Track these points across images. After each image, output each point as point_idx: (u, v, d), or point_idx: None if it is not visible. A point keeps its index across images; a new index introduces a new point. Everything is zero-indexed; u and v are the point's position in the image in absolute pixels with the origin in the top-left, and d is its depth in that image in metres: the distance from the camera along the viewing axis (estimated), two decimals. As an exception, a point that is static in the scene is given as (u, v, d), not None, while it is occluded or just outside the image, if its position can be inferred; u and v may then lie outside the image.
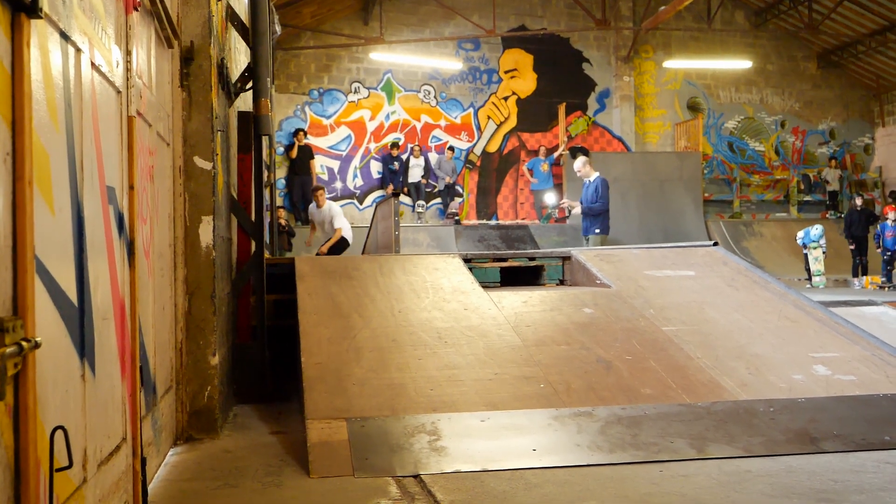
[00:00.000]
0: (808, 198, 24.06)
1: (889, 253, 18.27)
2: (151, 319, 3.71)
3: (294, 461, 4.16)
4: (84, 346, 2.45)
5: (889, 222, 18.37)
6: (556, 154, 21.13)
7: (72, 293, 2.35)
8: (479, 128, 21.84)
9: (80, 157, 2.48)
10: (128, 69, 3.18)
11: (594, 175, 11.98)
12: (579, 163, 12.15)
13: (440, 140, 21.25)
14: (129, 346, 3.06)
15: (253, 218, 6.01)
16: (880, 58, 23.68)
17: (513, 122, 22.19)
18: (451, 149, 20.97)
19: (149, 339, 3.63)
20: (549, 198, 19.87)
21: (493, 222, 20.57)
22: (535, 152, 21.54)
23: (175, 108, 4.55)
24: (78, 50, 2.46)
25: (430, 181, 20.46)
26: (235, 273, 5.93)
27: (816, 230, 18.27)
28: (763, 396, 4.68)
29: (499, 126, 22.10)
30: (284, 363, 6.24)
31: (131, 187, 3.16)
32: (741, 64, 23.23)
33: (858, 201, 19.49)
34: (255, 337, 5.91)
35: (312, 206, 13.06)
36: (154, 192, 3.89)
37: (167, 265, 4.27)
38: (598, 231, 11.67)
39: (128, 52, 3.19)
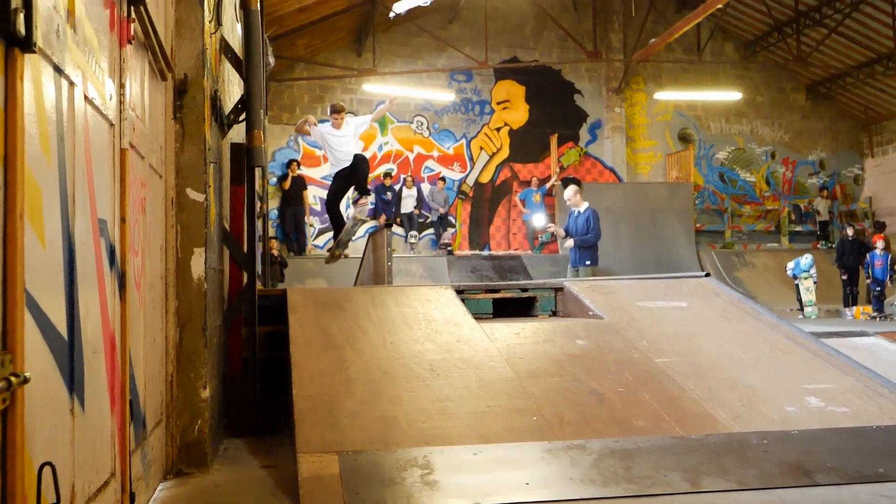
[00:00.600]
0: (799, 228, 24.15)
1: (879, 283, 18.32)
2: (142, 352, 3.69)
3: (285, 496, 4.12)
4: (73, 380, 2.44)
5: (877, 251, 18.43)
6: (548, 185, 21.20)
7: (62, 327, 2.34)
8: (471, 158, 21.91)
9: (71, 190, 2.48)
10: (121, 102, 3.18)
11: (584, 205, 11.99)
12: (570, 191, 12.16)
13: (433, 171, 21.31)
14: (118, 379, 3.04)
15: (245, 249, 6.00)
16: (868, 89, 23.88)
17: (505, 153, 22.28)
18: (443, 179, 21.03)
19: (139, 371, 3.61)
20: (538, 219, 19.80)
21: (485, 253, 20.58)
22: (528, 183, 21.60)
23: (168, 140, 4.55)
24: (71, 83, 2.46)
25: (422, 211, 20.48)
26: (227, 305, 5.91)
27: (806, 260, 18.32)
28: (756, 428, 4.67)
29: (491, 157, 22.18)
30: (276, 395, 6.20)
31: (123, 220, 3.16)
32: (731, 95, 23.41)
33: (850, 231, 19.57)
34: (246, 369, 5.88)
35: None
36: (146, 224, 3.88)
37: (158, 297, 4.25)
38: (588, 263, 11.67)
39: (121, 85, 3.19)
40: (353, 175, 10.42)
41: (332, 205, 10.71)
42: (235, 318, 5.89)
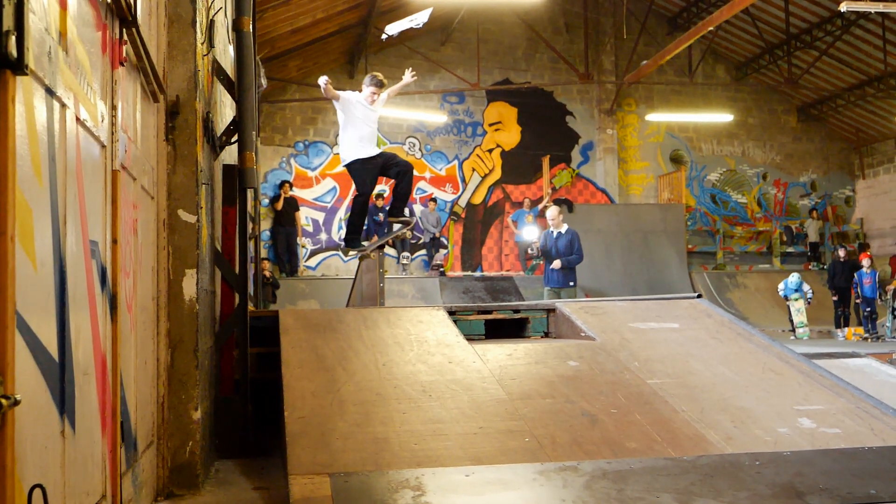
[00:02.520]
0: (790, 249, 24.23)
1: (869, 302, 18.36)
2: (133, 373, 3.68)
3: (276, 518, 4.10)
4: (64, 402, 2.43)
5: (865, 269, 18.50)
6: (540, 206, 21.25)
7: (53, 349, 2.33)
8: (463, 180, 21.97)
9: (63, 212, 2.48)
10: (113, 123, 3.19)
11: (565, 226, 12.02)
12: (554, 211, 12.18)
13: (425, 192, 21.35)
14: (109, 401, 3.03)
15: (237, 271, 6.00)
16: (859, 111, 24.04)
17: (497, 175, 22.34)
18: (434, 200, 21.06)
19: (130, 393, 3.59)
20: (529, 232, 19.45)
21: (477, 274, 20.60)
22: (520, 204, 21.65)
23: (160, 162, 4.56)
24: (63, 105, 2.47)
25: (414, 233, 20.49)
26: (219, 326, 5.90)
27: (793, 279, 18.40)
28: (748, 450, 4.66)
29: (483, 178, 22.24)
30: (267, 417, 6.18)
31: (115, 241, 3.16)
32: (722, 117, 23.54)
33: (842, 253, 19.65)
34: (237, 390, 5.86)
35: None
36: (138, 246, 3.88)
37: (150, 319, 4.24)
38: (572, 284, 11.71)
39: (113, 107, 3.20)
40: (383, 171, 9.00)
41: (365, 197, 9.05)
42: (227, 340, 5.88)
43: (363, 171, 8.77)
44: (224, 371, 5.86)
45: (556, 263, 11.62)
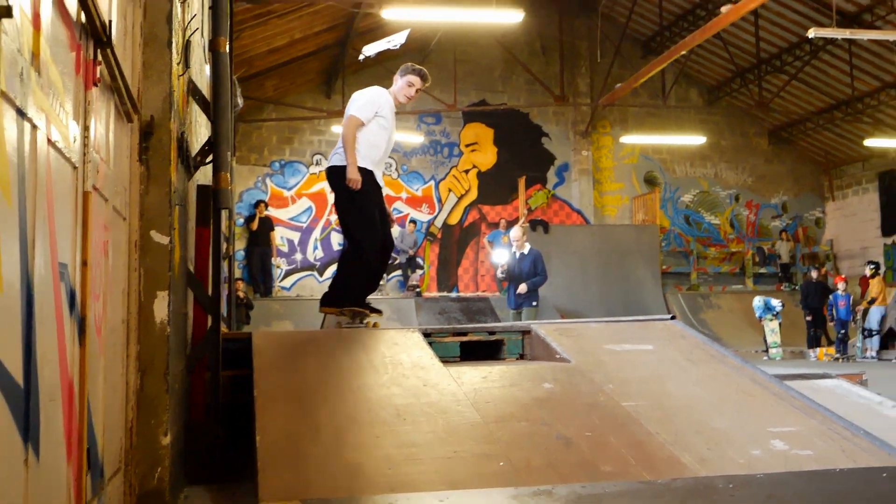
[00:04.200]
0: (763, 270, 24.46)
1: (843, 324, 18.54)
2: (101, 398, 3.62)
3: (247, 543, 4.05)
4: (28, 429, 2.38)
5: (840, 292, 18.69)
6: (519, 226, 21.31)
7: (17, 374, 2.29)
8: (439, 200, 22.00)
9: (31, 234, 2.45)
10: (85, 145, 3.16)
11: (527, 247, 12.05)
12: (517, 232, 12.22)
13: (401, 212, 21.35)
14: (76, 427, 2.98)
15: (210, 292, 5.95)
16: (828, 134, 24.37)
17: (473, 195, 22.40)
18: (413, 222, 21.06)
19: (98, 418, 3.54)
20: (499, 255, 19.45)
21: (453, 294, 20.60)
22: (496, 225, 21.71)
23: (133, 183, 4.52)
24: (34, 127, 2.44)
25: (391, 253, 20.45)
26: (190, 349, 5.84)
27: (758, 302, 18.62)
28: (722, 472, 4.66)
29: (459, 199, 22.29)
30: (239, 441, 6.11)
31: (84, 263, 3.12)
32: (695, 139, 23.78)
33: (814, 274, 19.84)
34: (209, 415, 5.80)
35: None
36: (108, 268, 3.84)
37: (119, 342, 4.19)
38: (535, 304, 11.74)
39: (86, 128, 3.17)
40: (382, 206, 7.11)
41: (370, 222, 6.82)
42: (199, 363, 5.82)
43: (374, 193, 6.80)
44: (195, 395, 5.80)
45: (523, 288, 11.63)
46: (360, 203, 6.69)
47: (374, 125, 6.83)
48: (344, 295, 6.97)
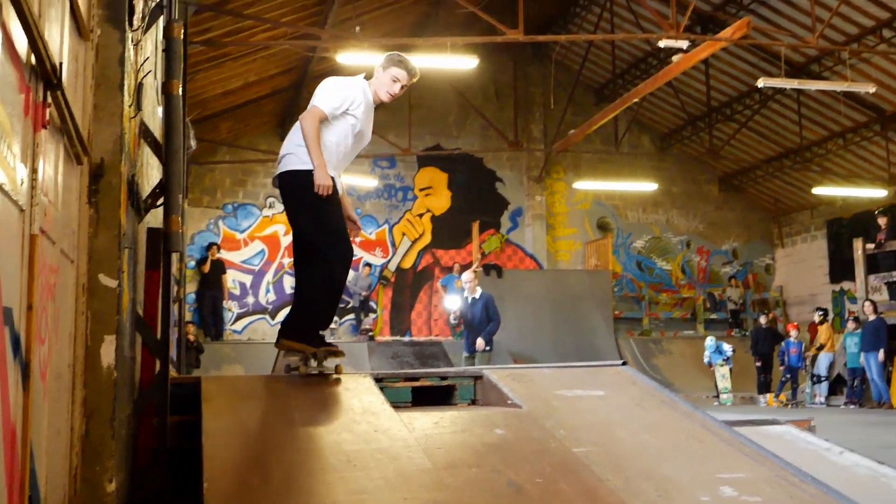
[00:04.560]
0: (714, 316, 24.74)
1: (792, 370, 18.80)
2: (45, 444, 3.55)
3: None
4: (-33, 478, 2.33)
5: (792, 339, 18.96)
6: (470, 271, 21.35)
7: (-43, 422, 2.24)
8: (393, 244, 22.01)
9: (-25, 279, 2.41)
10: (33, 187, 3.13)
11: (479, 291, 12.04)
12: (469, 275, 12.22)
13: (356, 256, 21.29)
14: (18, 474, 2.91)
15: (159, 336, 5.87)
16: (777, 182, 24.88)
17: (427, 239, 22.45)
18: (368, 265, 21.02)
19: (41, 465, 3.46)
20: (452, 301, 19.52)
21: (406, 339, 20.54)
22: (450, 269, 21.76)
23: (81, 225, 4.47)
24: (-21, 170, 2.42)
25: (343, 296, 20.36)
26: (138, 393, 5.75)
27: (709, 342, 18.87)
28: (672, 519, 4.67)
29: (413, 242, 22.32)
30: (187, 488, 6.00)
31: (30, 307, 3.07)
32: (647, 186, 24.13)
33: (763, 320, 20.11)
34: (155, 461, 5.69)
35: None
36: (55, 311, 3.78)
37: (65, 387, 4.11)
38: (488, 349, 11.72)
39: (34, 170, 3.14)
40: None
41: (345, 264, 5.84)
42: (146, 408, 5.72)
43: (329, 202, 5.56)
44: (142, 440, 5.69)
45: (481, 344, 11.57)
46: (327, 212, 5.58)
47: (342, 124, 5.71)
48: (308, 325, 6.08)
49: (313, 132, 5.59)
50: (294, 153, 5.74)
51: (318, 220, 5.64)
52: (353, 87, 5.76)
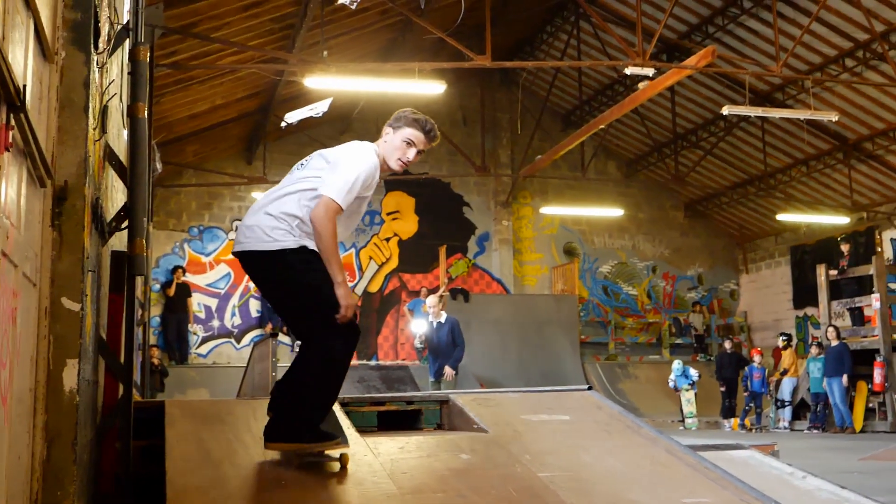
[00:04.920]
0: (679, 340, 24.92)
1: (756, 396, 18.95)
2: (4, 470, 3.49)
3: None
4: (-76, 504, 2.29)
5: (756, 365, 19.13)
6: (436, 295, 21.35)
7: (-86, 447, 2.21)
8: (360, 268, 21.97)
9: (-66, 302, 2.38)
10: (-6, 210, 3.10)
11: (443, 315, 12.02)
12: (434, 299, 12.21)
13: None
14: (-24, 501, 2.87)
15: (122, 360, 5.81)
16: (742, 209, 25.18)
17: (394, 263, 22.44)
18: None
19: (1, 490, 3.41)
20: (417, 325, 19.46)
21: (373, 363, 20.45)
22: (417, 293, 21.75)
23: (44, 248, 4.42)
24: (-59, 192, 2.40)
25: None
26: (101, 418, 5.68)
27: (676, 366, 19.01)
28: (637, 544, 4.69)
29: (380, 266, 22.30)
30: (149, 514, 5.92)
31: (-10, 331, 3.04)
32: (614, 212, 24.31)
33: (727, 345, 20.27)
34: (118, 486, 5.62)
35: None
36: (16, 335, 3.73)
37: (26, 411, 4.06)
38: (455, 374, 11.73)
39: (-4, 193, 3.12)
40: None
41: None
42: (109, 432, 5.65)
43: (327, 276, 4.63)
44: (104, 465, 5.62)
45: (449, 374, 11.54)
46: (327, 292, 4.62)
47: (351, 206, 4.91)
48: (303, 419, 4.93)
49: (332, 239, 4.60)
50: (280, 228, 4.67)
51: (318, 300, 4.71)
52: (375, 169, 4.96)
